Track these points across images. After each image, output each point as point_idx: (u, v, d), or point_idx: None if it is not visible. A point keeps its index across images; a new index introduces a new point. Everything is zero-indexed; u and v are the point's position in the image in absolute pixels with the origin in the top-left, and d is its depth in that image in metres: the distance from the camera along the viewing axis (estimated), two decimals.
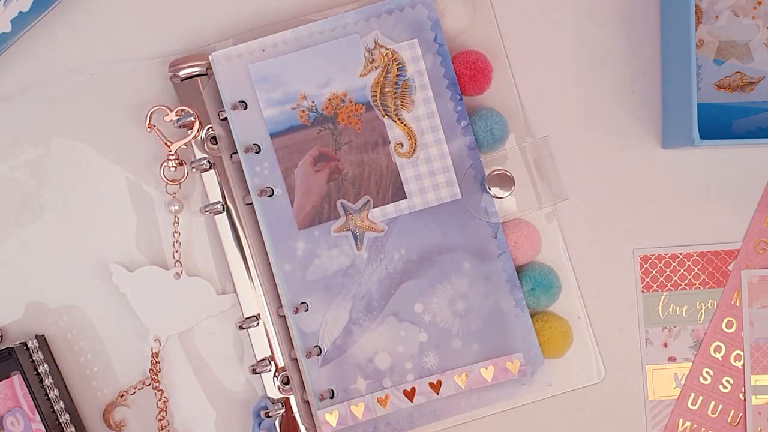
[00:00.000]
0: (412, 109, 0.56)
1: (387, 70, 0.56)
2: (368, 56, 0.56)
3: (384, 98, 0.56)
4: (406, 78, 0.56)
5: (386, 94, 0.56)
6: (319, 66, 0.56)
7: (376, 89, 0.56)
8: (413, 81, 0.56)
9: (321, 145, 0.56)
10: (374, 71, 0.56)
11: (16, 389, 0.55)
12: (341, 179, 0.56)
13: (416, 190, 0.56)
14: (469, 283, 0.56)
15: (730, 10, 0.59)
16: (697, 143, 0.53)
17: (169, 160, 0.57)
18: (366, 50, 0.56)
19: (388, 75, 0.56)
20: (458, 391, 0.56)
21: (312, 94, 0.56)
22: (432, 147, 0.56)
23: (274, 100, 0.56)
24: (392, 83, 0.56)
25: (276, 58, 0.56)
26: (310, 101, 0.56)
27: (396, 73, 0.56)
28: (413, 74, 0.56)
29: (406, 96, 0.56)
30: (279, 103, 0.56)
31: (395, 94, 0.56)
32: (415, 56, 0.56)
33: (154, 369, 0.58)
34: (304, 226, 0.56)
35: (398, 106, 0.56)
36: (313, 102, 0.56)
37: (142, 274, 0.58)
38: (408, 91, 0.56)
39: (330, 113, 0.56)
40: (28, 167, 0.58)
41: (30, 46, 0.59)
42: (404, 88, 0.56)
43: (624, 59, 0.60)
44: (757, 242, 0.60)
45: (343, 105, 0.56)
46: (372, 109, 0.56)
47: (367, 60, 0.56)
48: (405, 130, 0.56)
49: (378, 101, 0.56)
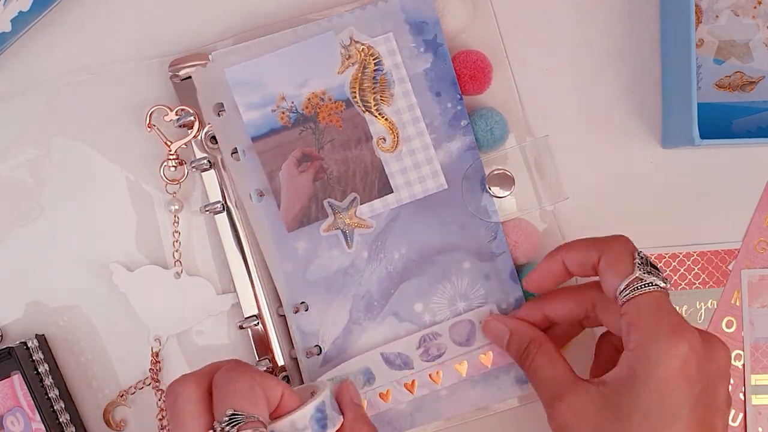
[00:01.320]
0: (392, 103, 0.56)
1: (364, 66, 0.56)
2: (344, 53, 0.56)
3: (363, 94, 0.56)
4: (384, 72, 0.56)
5: (365, 90, 0.56)
6: (295, 66, 0.55)
7: (355, 85, 0.56)
8: (391, 75, 0.56)
9: (304, 146, 0.56)
10: (351, 67, 0.56)
11: (16, 389, 0.55)
12: (327, 178, 0.56)
13: (402, 183, 0.56)
14: (469, 282, 0.56)
15: (730, 10, 0.59)
16: (697, 143, 0.53)
17: (169, 160, 0.57)
18: (342, 47, 0.56)
19: (365, 70, 0.56)
20: (459, 379, 0.56)
21: (291, 95, 0.56)
22: (415, 139, 0.56)
23: (253, 104, 0.55)
24: (370, 78, 0.56)
25: (252, 61, 0.55)
26: (289, 102, 0.56)
27: (373, 68, 0.56)
28: (390, 68, 0.56)
29: (385, 90, 0.56)
30: (258, 106, 0.55)
31: (374, 89, 0.56)
32: (390, 50, 0.56)
33: (155, 368, 0.58)
34: (293, 228, 0.56)
35: (378, 100, 0.56)
36: (293, 102, 0.56)
37: (142, 274, 0.58)
38: (387, 85, 0.56)
39: (310, 113, 0.56)
40: (28, 167, 0.58)
41: (30, 45, 0.59)
42: (382, 82, 0.56)
43: (624, 58, 0.60)
44: (757, 242, 0.60)
45: (323, 103, 0.56)
46: (352, 106, 0.56)
47: (343, 57, 0.56)
48: (386, 124, 0.56)
49: (357, 97, 0.56)
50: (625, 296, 0.47)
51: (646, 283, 0.47)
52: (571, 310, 0.53)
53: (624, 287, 0.47)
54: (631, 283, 0.47)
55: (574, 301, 0.53)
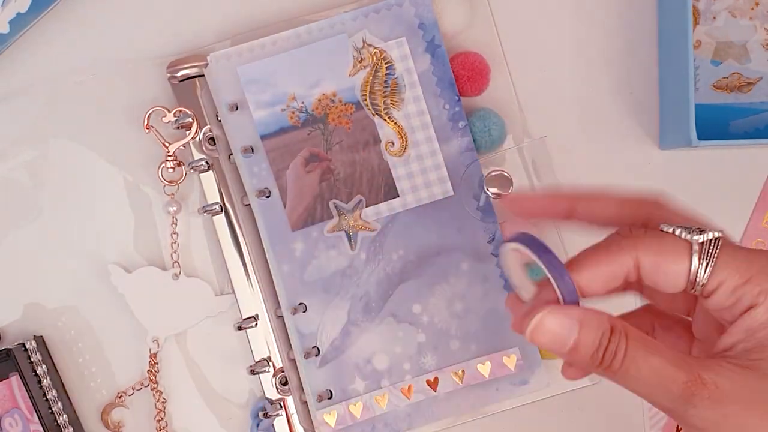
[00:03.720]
0: (402, 108, 0.56)
1: (376, 69, 0.56)
2: (357, 55, 0.56)
3: (374, 97, 0.56)
4: (395, 77, 0.56)
5: (376, 93, 0.56)
6: (308, 66, 0.56)
7: (366, 88, 0.56)
8: (402, 79, 0.56)
9: (312, 146, 0.56)
10: (363, 70, 0.56)
11: (14, 390, 0.55)
12: (333, 179, 0.56)
13: (408, 188, 0.56)
14: (467, 283, 0.56)
15: (728, 11, 0.60)
16: (695, 144, 0.53)
17: (168, 161, 0.57)
18: (354, 49, 0.56)
19: (377, 74, 0.56)
20: (456, 387, 0.56)
21: (301, 95, 0.56)
22: (423, 145, 0.56)
23: (263, 102, 0.56)
24: (381, 82, 0.56)
25: (264, 60, 0.56)
26: (299, 102, 0.56)
27: (385, 72, 0.56)
28: (402, 72, 0.56)
29: (395, 94, 0.56)
30: (269, 105, 0.56)
31: (385, 93, 0.56)
32: (403, 54, 0.56)
33: (153, 370, 0.58)
34: (298, 227, 0.56)
35: (388, 104, 0.56)
36: (303, 103, 0.56)
37: (140, 275, 0.58)
38: (397, 89, 0.56)
39: (320, 114, 0.56)
40: (27, 168, 0.58)
41: (28, 47, 0.59)
42: (393, 86, 0.56)
43: (621, 60, 0.60)
44: (755, 243, 0.60)
45: (333, 105, 0.56)
46: (362, 109, 0.56)
47: (355, 59, 0.56)
48: (395, 128, 0.56)
49: (368, 100, 0.56)
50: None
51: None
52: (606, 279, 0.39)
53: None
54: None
55: (610, 265, 0.39)
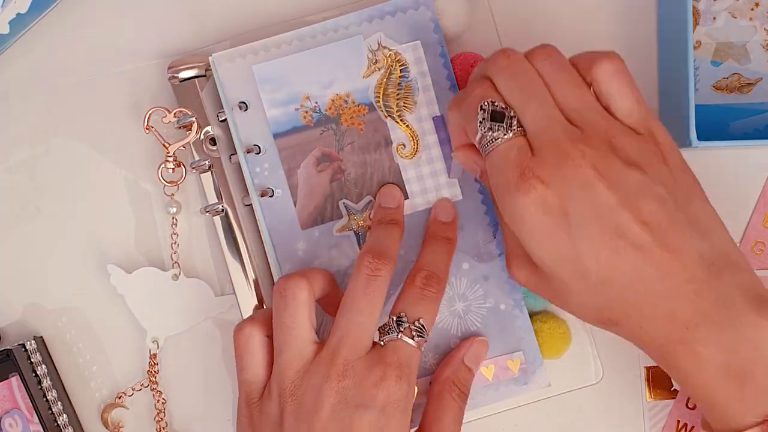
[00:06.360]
0: (414, 111, 0.56)
1: (390, 72, 0.56)
2: (371, 57, 0.56)
3: (387, 99, 0.56)
4: (409, 79, 0.56)
5: (389, 96, 0.56)
6: (322, 67, 0.56)
7: (379, 90, 0.56)
8: (416, 82, 0.56)
9: (324, 146, 0.56)
10: (377, 72, 0.56)
11: (14, 391, 0.55)
12: (344, 180, 0.56)
13: (418, 190, 0.56)
14: (468, 283, 0.56)
15: (728, 12, 0.60)
16: (695, 144, 0.53)
17: (168, 162, 0.57)
18: (369, 51, 0.56)
19: (391, 76, 0.56)
20: None
21: (315, 95, 0.56)
22: (434, 148, 0.56)
23: (277, 101, 0.56)
24: (395, 84, 0.56)
25: (280, 59, 0.56)
26: (313, 102, 0.56)
27: (399, 75, 0.56)
28: (416, 75, 0.56)
29: (408, 97, 0.56)
30: (282, 104, 0.56)
31: (398, 96, 0.56)
32: (417, 57, 0.56)
33: (153, 370, 0.58)
34: (308, 225, 0.56)
35: (401, 107, 0.56)
36: (317, 103, 0.56)
37: (140, 276, 0.58)
38: (411, 92, 0.56)
39: (333, 114, 0.56)
40: (27, 168, 0.58)
41: (28, 47, 0.59)
42: (407, 89, 0.56)
43: None
44: (754, 243, 0.60)
45: (346, 106, 0.56)
46: (375, 110, 0.56)
47: (370, 61, 0.56)
48: (407, 131, 0.56)
49: (381, 102, 0.56)
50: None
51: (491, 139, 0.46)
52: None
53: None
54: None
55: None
